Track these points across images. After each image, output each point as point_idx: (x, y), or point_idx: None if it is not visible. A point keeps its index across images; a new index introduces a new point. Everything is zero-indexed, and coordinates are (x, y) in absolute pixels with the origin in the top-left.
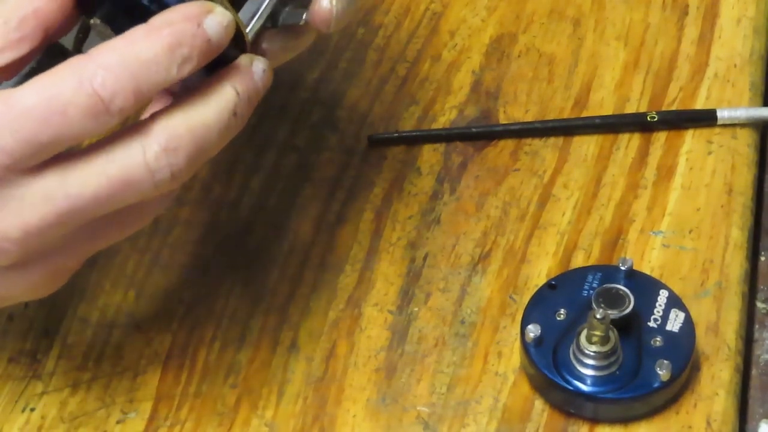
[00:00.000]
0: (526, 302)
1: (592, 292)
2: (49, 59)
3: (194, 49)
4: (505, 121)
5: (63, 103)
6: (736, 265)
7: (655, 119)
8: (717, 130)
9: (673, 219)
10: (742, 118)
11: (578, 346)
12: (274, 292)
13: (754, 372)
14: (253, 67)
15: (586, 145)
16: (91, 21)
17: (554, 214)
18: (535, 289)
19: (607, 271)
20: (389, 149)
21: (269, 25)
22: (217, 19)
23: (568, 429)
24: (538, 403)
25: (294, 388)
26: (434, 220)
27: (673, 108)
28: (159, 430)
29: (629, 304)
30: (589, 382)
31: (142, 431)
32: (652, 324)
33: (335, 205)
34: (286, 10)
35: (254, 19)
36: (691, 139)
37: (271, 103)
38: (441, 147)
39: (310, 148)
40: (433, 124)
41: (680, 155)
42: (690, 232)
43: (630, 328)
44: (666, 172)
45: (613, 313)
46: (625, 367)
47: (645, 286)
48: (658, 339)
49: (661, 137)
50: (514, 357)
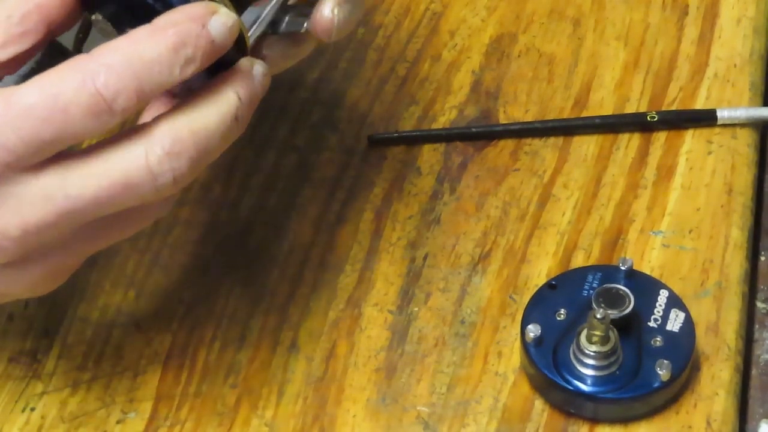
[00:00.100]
0: (526, 302)
1: (592, 292)
2: (49, 59)
3: (198, 50)
4: (505, 121)
5: (65, 102)
6: (736, 265)
7: (655, 119)
8: (717, 130)
9: (673, 219)
10: (742, 118)
11: (578, 346)
12: (274, 292)
13: (754, 372)
14: (254, 71)
15: (586, 145)
16: (93, 17)
17: (554, 214)
18: (535, 289)
19: (607, 271)
20: (389, 149)
21: (270, 32)
22: (222, 20)
23: (568, 429)
24: (538, 403)
25: (294, 388)
26: (434, 220)
27: (673, 108)
28: (159, 430)
29: (629, 304)
30: (589, 382)
31: (142, 431)
32: (652, 324)
33: (335, 205)
34: (287, 18)
35: (255, 24)
36: (691, 139)
37: (271, 103)
38: (441, 147)
39: (310, 148)
40: (433, 124)
41: (680, 155)
42: (690, 232)
43: (630, 328)
44: (666, 172)
45: (613, 313)
46: (625, 367)
47: (645, 286)
48: (658, 339)
49: (661, 137)
50: (514, 357)
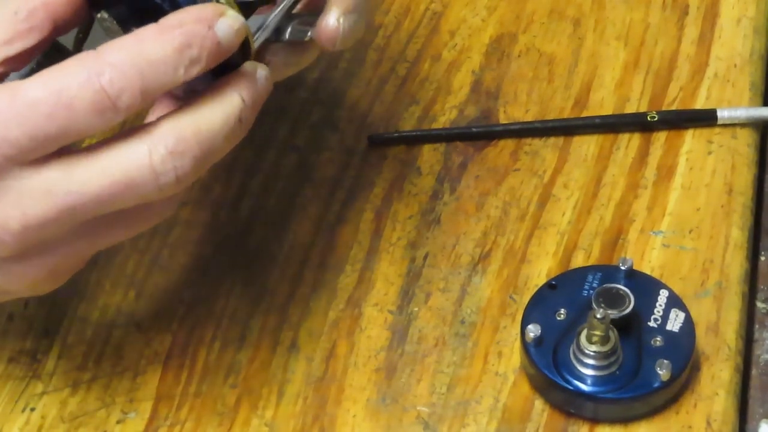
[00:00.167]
0: (526, 302)
1: (592, 292)
2: (49, 59)
3: (203, 51)
4: (505, 121)
5: (70, 98)
6: (737, 265)
7: (655, 119)
8: (717, 130)
9: (673, 219)
10: (742, 118)
11: (578, 346)
12: (274, 292)
13: (754, 372)
14: (257, 74)
15: (586, 145)
16: (99, 15)
17: (554, 214)
18: (535, 289)
19: (607, 271)
20: (389, 149)
21: (274, 39)
22: (229, 23)
23: (568, 429)
24: (538, 403)
25: (294, 388)
26: (434, 220)
27: (673, 108)
28: (159, 430)
29: (629, 304)
30: (589, 382)
31: (142, 431)
32: (652, 324)
33: (335, 205)
34: (291, 26)
35: (260, 31)
36: (691, 139)
37: (271, 103)
38: (441, 147)
39: (310, 148)
40: (433, 124)
41: (680, 155)
42: (690, 232)
43: (630, 328)
44: (666, 172)
45: (613, 313)
46: (625, 367)
47: (645, 286)
48: (659, 339)
49: (661, 137)
50: (514, 357)
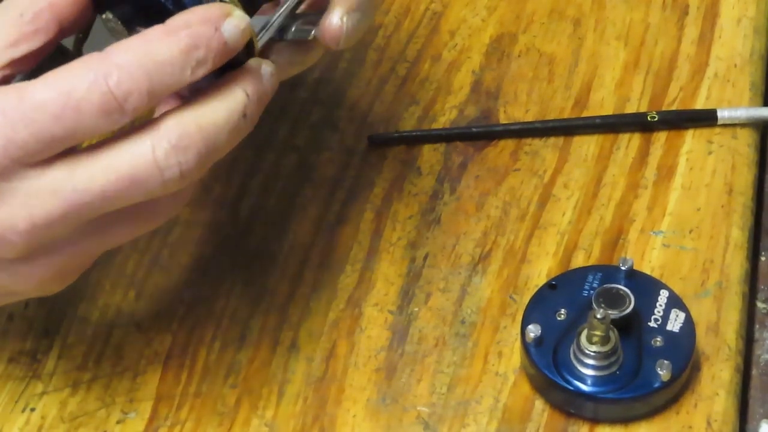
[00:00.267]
0: (527, 302)
1: (592, 292)
2: (49, 59)
3: (210, 52)
4: (506, 121)
5: (77, 100)
6: (737, 265)
7: (656, 119)
8: (717, 130)
9: (673, 219)
10: (742, 118)
11: (579, 346)
12: (274, 292)
13: (755, 372)
14: (262, 71)
15: (587, 145)
16: (103, 16)
17: (554, 214)
18: (536, 289)
19: (607, 271)
20: (389, 149)
21: (278, 38)
22: (235, 23)
23: (568, 429)
24: (539, 403)
25: (294, 388)
26: (434, 220)
27: (674, 108)
28: (159, 430)
29: (629, 304)
30: (589, 382)
31: (142, 431)
32: (652, 324)
33: (335, 205)
34: (295, 25)
35: (264, 30)
36: (692, 139)
37: (271, 103)
38: (441, 147)
39: (310, 148)
40: (433, 124)
41: (680, 155)
42: (690, 232)
43: (630, 328)
44: (666, 172)
45: (614, 313)
46: (625, 367)
47: (645, 286)
48: (659, 339)
49: (661, 137)
50: (514, 357)
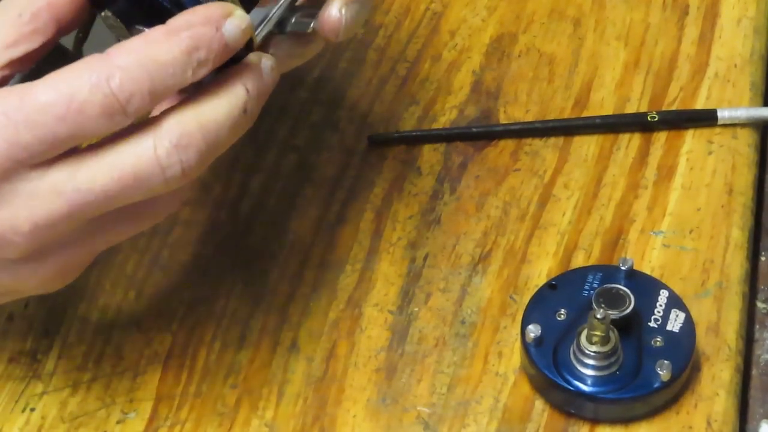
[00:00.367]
0: (527, 302)
1: (592, 292)
2: (49, 59)
3: (211, 53)
4: (506, 121)
5: (80, 101)
6: (737, 265)
7: (656, 119)
8: (717, 130)
9: (673, 219)
10: (742, 118)
11: (579, 346)
12: (274, 292)
13: (755, 372)
14: (262, 65)
15: (587, 145)
16: (102, 14)
17: (554, 214)
18: (536, 289)
19: (607, 271)
20: (389, 149)
21: (277, 31)
22: (236, 23)
23: (568, 429)
24: (539, 404)
25: (294, 389)
26: (434, 220)
27: (674, 108)
28: (159, 430)
29: (629, 304)
30: (589, 383)
31: (142, 431)
32: (652, 324)
33: (335, 205)
34: (294, 18)
35: (263, 24)
36: (692, 139)
37: (271, 103)
38: (441, 147)
39: (310, 148)
40: (434, 124)
41: (681, 155)
42: (690, 232)
43: (630, 328)
44: (666, 172)
45: (614, 313)
46: (625, 368)
47: (645, 286)
48: (659, 339)
49: (661, 137)
50: (514, 357)
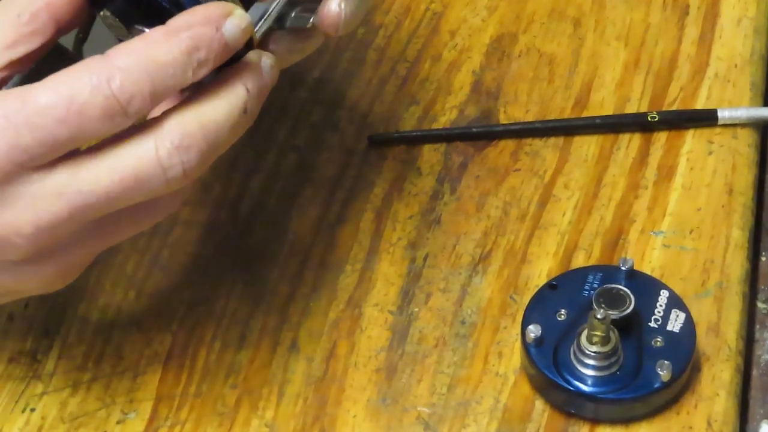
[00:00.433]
0: (527, 302)
1: (592, 292)
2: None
3: (211, 53)
4: (506, 121)
5: (81, 103)
6: (737, 266)
7: (656, 119)
8: (717, 130)
9: (673, 219)
10: (742, 118)
11: (579, 346)
12: (274, 292)
13: (755, 372)
14: (262, 64)
15: (587, 145)
16: (101, 13)
17: (555, 214)
18: (536, 290)
19: (607, 272)
20: (389, 149)
21: (276, 27)
22: (236, 22)
23: (568, 429)
24: (539, 404)
25: (294, 389)
26: (434, 220)
27: (674, 108)
28: (159, 430)
29: (630, 305)
30: (589, 383)
31: (142, 431)
32: (652, 324)
33: (335, 205)
34: (293, 13)
35: (262, 20)
36: (692, 139)
37: (271, 103)
38: (441, 147)
39: (310, 148)
40: (434, 124)
41: (681, 155)
42: (691, 233)
43: (631, 329)
44: (667, 172)
45: (614, 314)
46: (625, 368)
47: (645, 287)
48: (659, 339)
49: (661, 137)
50: (514, 357)
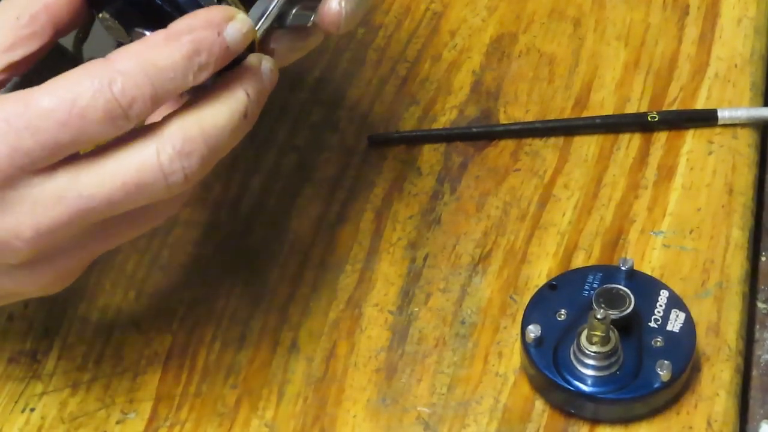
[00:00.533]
0: (527, 302)
1: (592, 292)
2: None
3: (212, 57)
4: (506, 121)
5: (82, 107)
6: (737, 266)
7: (656, 119)
8: (718, 130)
9: (673, 219)
10: (742, 118)
11: (579, 346)
12: (274, 292)
13: (755, 372)
14: (262, 68)
15: (587, 145)
16: (100, 15)
17: (555, 215)
18: (536, 290)
19: (607, 272)
20: (389, 149)
21: (277, 25)
22: (237, 26)
23: (568, 429)
24: (539, 404)
25: (294, 389)
26: (434, 220)
27: (674, 108)
28: (159, 430)
29: (630, 305)
30: (589, 383)
31: (141, 431)
32: (652, 324)
33: (335, 205)
34: (294, 11)
35: (262, 19)
36: (692, 139)
37: (271, 104)
38: (441, 147)
39: (310, 148)
40: (434, 124)
41: (681, 155)
42: (691, 233)
43: (630, 329)
44: (666, 172)
45: (614, 314)
46: (625, 368)
47: (645, 287)
48: (659, 339)
49: (661, 137)
50: (514, 357)
